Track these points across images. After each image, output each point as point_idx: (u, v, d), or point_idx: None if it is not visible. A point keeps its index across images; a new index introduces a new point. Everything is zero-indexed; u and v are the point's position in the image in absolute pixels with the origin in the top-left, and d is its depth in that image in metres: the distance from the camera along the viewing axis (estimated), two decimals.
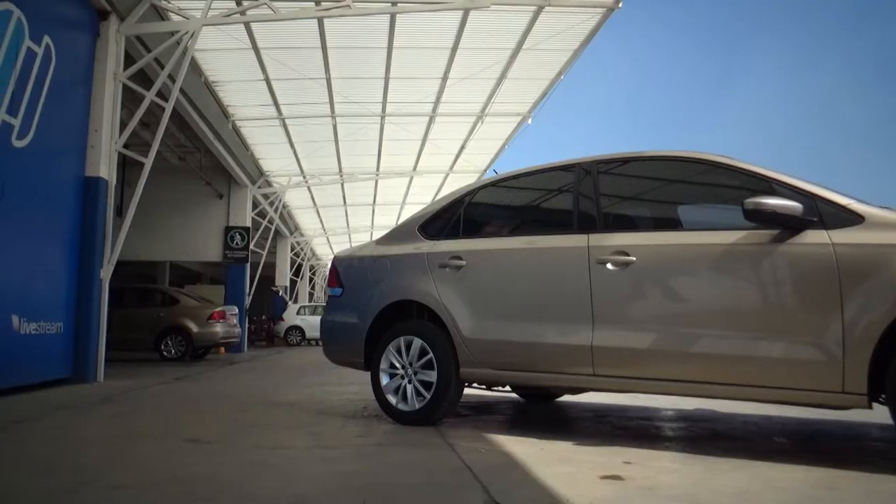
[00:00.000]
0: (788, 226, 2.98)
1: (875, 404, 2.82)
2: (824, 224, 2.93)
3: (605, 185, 3.74)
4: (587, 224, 3.65)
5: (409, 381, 4.07)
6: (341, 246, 25.08)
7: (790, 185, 3.08)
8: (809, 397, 2.92)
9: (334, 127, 13.82)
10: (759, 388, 3.02)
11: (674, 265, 3.32)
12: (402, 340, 4.14)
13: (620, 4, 9.06)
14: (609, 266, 3.43)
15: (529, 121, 13.76)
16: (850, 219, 2.90)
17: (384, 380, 4.18)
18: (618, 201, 3.88)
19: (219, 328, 12.32)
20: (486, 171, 16.86)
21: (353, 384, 6.69)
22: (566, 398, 5.36)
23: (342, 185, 18.61)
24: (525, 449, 3.23)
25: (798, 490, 2.45)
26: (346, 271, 4.72)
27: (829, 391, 2.82)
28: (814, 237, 2.93)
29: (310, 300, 30.96)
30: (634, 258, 3.37)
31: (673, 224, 3.66)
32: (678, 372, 3.22)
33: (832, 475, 2.67)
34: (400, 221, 7.71)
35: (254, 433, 3.88)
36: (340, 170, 17.10)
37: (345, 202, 21.27)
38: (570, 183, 3.87)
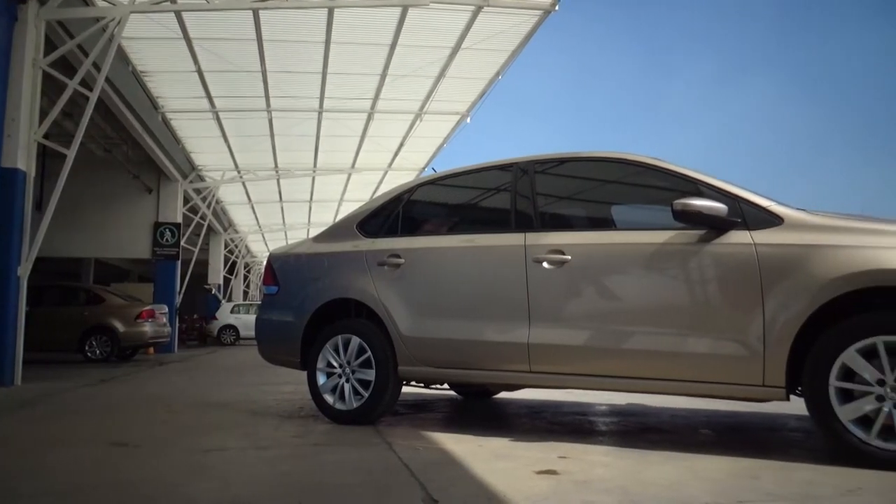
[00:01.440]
0: (714, 226, 3.11)
1: (792, 396, 2.99)
2: (747, 225, 3.07)
3: (541, 185, 3.80)
4: (524, 223, 3.71)
5: (347, 380, 4.04)
6: (277, 243, 24.59)
7: (716, 186, 3.21)
8: (733, 391, 3.06)
9: (270, 121, 13.53)
10: (687, 383, 3.14)
11: (607, 264, 3.41)
12: (339, 339, 4.10)
13: (557, 7, 9.24)
14: (545, 265, 3.49)
15: (468, 119, 13.85)
16: (771, 220, 3.05)
17: (321, 379, 4.13)
18: (554, 201, 3.95)
19: (147, 328, 11.88)
20: (424, 169, 16.86)
21: (289, 384, 6.58)
22: (503, 395, 5.43)
23: (278, 181, 18.25)
24: (463, 446, 3.26)
25: (723, 480, 2.56)
26: (283, 269, 4.64)
27: (751, 384, 2.96)
28: (737, 237, 3.06)
29: (244, 298, 30.25)
30: (570, 257, 3.44)
31: (607, 223, 3.76)
32: (611, 368, 3.31)
33: (754, 464, 2.80)
34: (338, 219, 7.62)
35: (186, 435, 3.76)
36: (276, 165, 16.76)
37: (281, 198, 20.87)
38: (507, 182, 3.91)
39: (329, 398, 4.08)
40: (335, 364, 4.10)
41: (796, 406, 3.06)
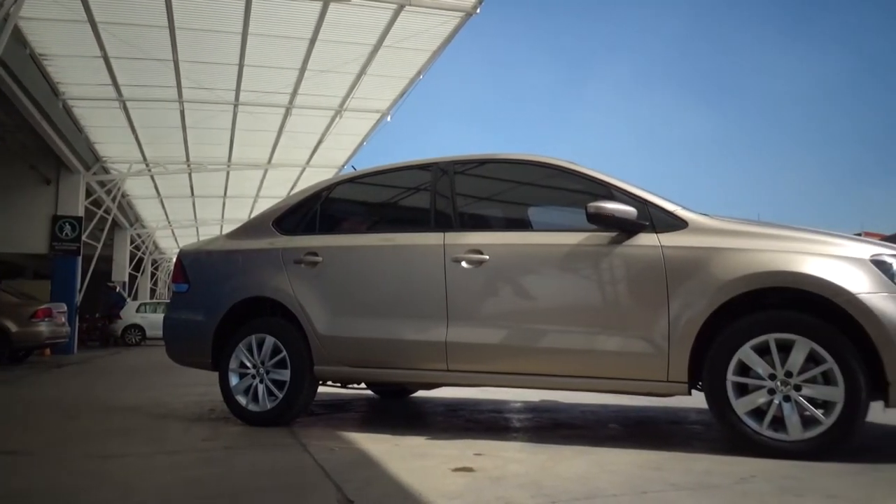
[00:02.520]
0: (624, 229, 3.24)
1: (694, 391, 3.15)
2: (655, 228, 3.22)
3: (460, 185, 3.84)
4: (443, 222, 3.73)
5: (261, 381, 3.94)
6: (188, 239, 23.63)
7: (627, 191, 3.34)
8: (640, 386, 3.20)
9: (182, 113, 12.98)
10: (598, 380, 3.26)
11: (523, 264, 3.48)
12: (253, 339, 3.99)
13: (478, 10, 9.35)
14: (463, 264, 3.53)
15: (388, 118, 13.80)
16: (677, 223, 3.21)
17: (233, 380, 4.01)
18: (473, 201, 4.00)
19: (43, 328, 11.13)
20: (343, 166, 16.67)
21: (199, 385, 6.34)
22: (420, 393, 5.44)
23: (190, 175, 17.55)
24: (379, 445, 3.24)
25: (629, 472, 2.67)
26: (193, 266, 4.46)
27: (656, 380, 3.10)
28: (646, 240, 3.21)
29: (151, 297, 28.91)
30: (488, 257, 3.49)
31: (524, 224, 3.85)
32: (526, 366, 3.39)
33: (658, 456, 2.94)
34: (253, 215, 7.42)
35: (86, 441, 3.55)
36: (188, 159, 16.10)
37: (192, 193, 20.06)
38: (427, 182, 3.93)
39: (242, 399, 3.96)
40: (248, 364, 3.98)
41: (697, 400, 3.23)
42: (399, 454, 3.05)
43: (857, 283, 2.83)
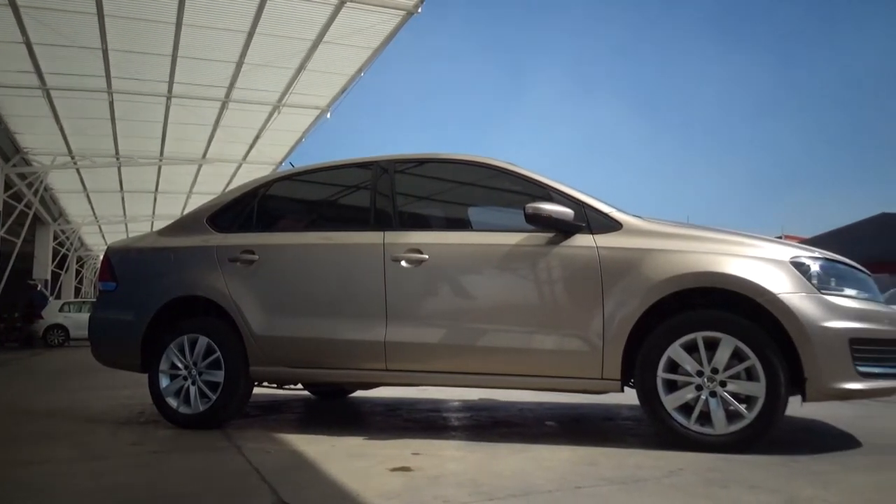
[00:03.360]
0: (562, 230, 3.31)
1: (626, 388, 3.25)
2: (591, 229, 3.30)
3: (401, 184, 3.83)
4: (383, 221, 3.72)
5: (193, 383, 3.82)
6: (117, 236, 22.70)
7: (564, 192, 3.41)
8: (575, 384, 3.28)
9: (111, 104, 12.48)
10: (535, 378, 3.32)
11: (463, 264, 3.51)
12: (185, 339, 3.87)
13: (420, 10, 9.36)
14: (403, 263, 3.53)
15: (328, 115, 13.65)
16: (611, 225, 3.30)
17: (164, 382, 3.87)
18: (413, 200, 4.00)
19: None
20: (281, 163, 16.37)
21: (127, 388, 6.10)
22: (359, 394, 5.41)
23: (119, 169, 16.88)
24: (316, 447, 3.20)
25: (565, 468, 2.73)
26: (122, 264, 4.29)
27: (591, 378, 3.18)
28: (582, 241, 3.28)
29: (76, 295, 27.65)
30: (427, 256, 3.50)
31: (463, 224, 3.87)
32: (465, 365, 3.42)
33: (592, 452, 3.01)
34: (186, 212, 7.20)
35: (4, 448, 3.37)
36: (117, 152, 15.49)
37: (122, 188, 19.31)
38: (367, 180, 3.91)
39: (173, 402, 3.84)
40: (180, 366, 3.86)
41: (629, 397, 3.33)
42: (336, 455, 3.02)
43: (778, 283, 2.97)
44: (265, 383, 4.11)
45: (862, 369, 2.91)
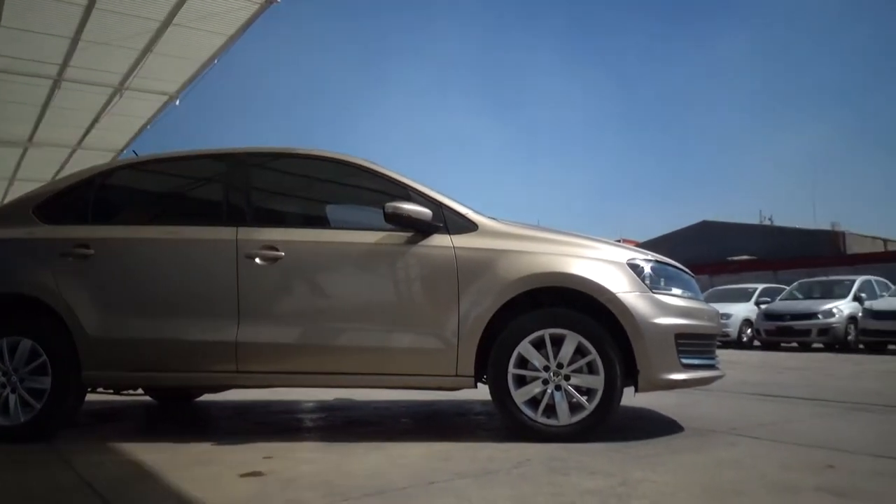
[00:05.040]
0: (420, 229, 3.36)
1: (480, 384, 3.36)
2: (448, 229, 3.38)
3: (256, 179, 3.70)
4: (236, 217, 3.57)
5: (13, 391, 3.43)
6: None
7: (423, 193, 3.47)
8: (431, 381, 3.35)
9: None
10: (391, 376, 3.35)
11: (320, 262, 3.45)
12: (4, 343, 3.46)
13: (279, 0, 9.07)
14: (257, 260, 3.40)
15: (177, 102, 12.82)
16: (468, 226, 3.40)
17: None
18: (269, 196, 3.88)
19: None
20: (123, 150, 15.15)
21: None
22: (206, 397, 5.14)
23: None
24: (158, 455, 3.00)
25: (419, 464, 2.77)
26: None
27: (446, 375, 3.26)
28: (439, 241, 3.35)
29: None
30: (283, 253, 3.40)
31: (321, 221, 3.81)
32: (321, 365, 3.36)
33: (446, 447, 3.09)
34: (7, 200, 6.45)
35: None
36: None
37: None
38: (220, 173, 3.73)
39: None
40: None
41: (482, 392, 3.45)
42: (181, 463, 2.85)
43: (617, 283, 3.22)
44: (100, 389, 3.79)
45: (685, 361, 3.23)
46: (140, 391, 4.57)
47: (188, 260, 3.54)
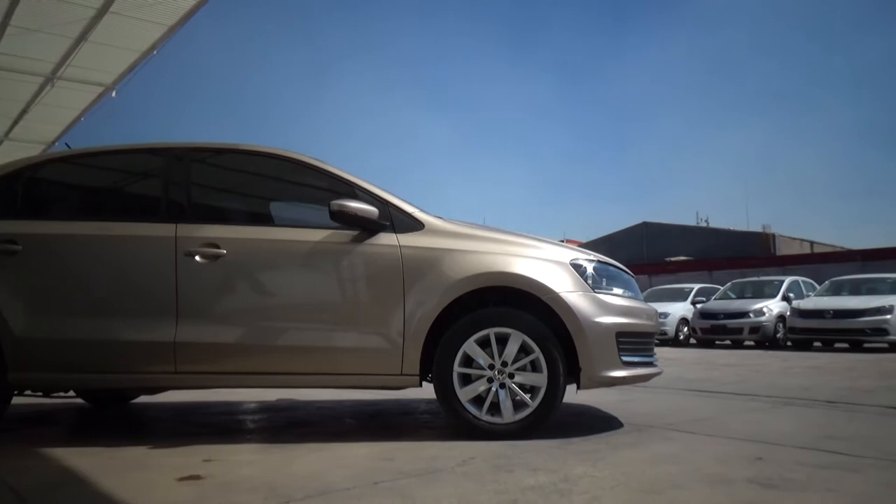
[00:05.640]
0: (366, 228, 3.34)
1: (425, 383, 3.36)
2: (394, 228, 3.37)
3: (197, 174, 3.61)
4: (176, 213, 3.46)
5: None
6: None
7: (369, 191, 3.45)
8: (376, 381, 3.33)
9: None
10: (336, 376, 3.32)
11: (263, 260, 3.39)
12: None
13: None
14: (197, 258, 3.32)
15: (114, 93, 12.36)
16: (414, 225, 3.40)
17: None
18: (211, 192, 3.78)
19: None
20: (55, 143, 14.51)
21: None
22: (143, 399, 4.97)
23: None
24: (91, 460, 2.89)
25: (363, 464, 2.75)
26: None
27: (391, 374, 3.25)
28: (386, 239, 3.34)
29: None
30: (225, 251, 3.33)
31: (265, 219, 3.74)
32: (263, 365, 3.30)
33: (390, 447, 3.08)
34: None
35: None
36: None
37: None
38: (160, 168, 3.62)
39: None
40: None
41: (427, 391, 3.45)
42: (115, 468, 2.75)
43: (560, 283, 3.28)
44: (28, 392, 3.62)
45: (626, 359, 3.32)
46: (71, 393, 4.39)
47: (124, 257, 3.42)
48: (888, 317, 11.18)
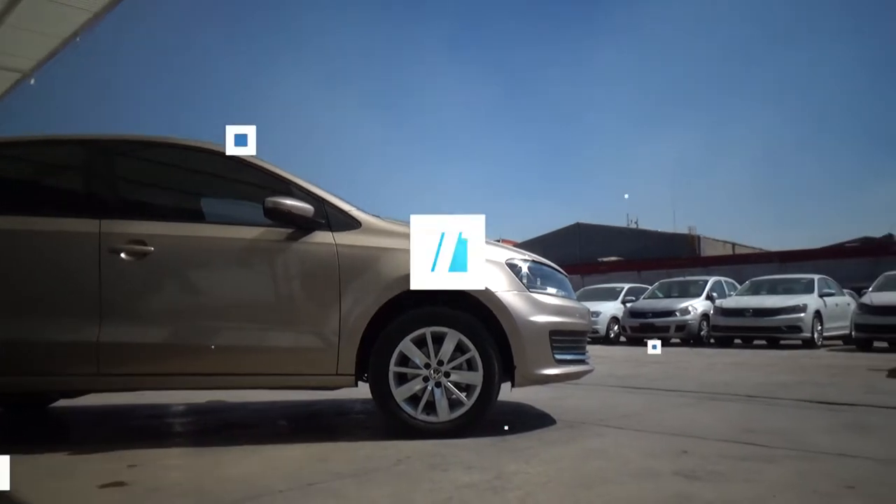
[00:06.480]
0: (301, 226, 3.28)
1: (361, 383, 3.34)
2: (330, 226, 3.33)
3: (124, 168, 3.46)
4: (100, 208, 3.31)
5: None
6: None
7: (305, 188, 3.39)
8: (311, 381, 3.29)
9: None
10: (270, 376, 3.25)
11: (193, 257, 3.29)
12: None
13: None
14: (123, 255, 3.18)
15: (32, 81, 11.71)
16: (351, 223, 3.36)
17: None
18: (138, 187, 3.64)
19: None
20: None
21: None
22: (63, 402, 4.74)
23: None
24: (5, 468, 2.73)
25: (296, 466, 2.71)
26: None
27: (327, 374, 3.21)
28: (321, 238, 3.29)
29: None
30: (152, 248, 3.21)
31: (196, 215, 3.62)
32: (193, 365, 3.20)
33: (324, 448, 3.04)
34: None
35: None
36: None
37: None
38: (83, 161, 3.45)
39: None
40: None
41: (363, 391, 3.43)
42: (33, 476, 2.61)
43: (496, 282, 3.31)
44: None
45: (559, 357, 3.39)
46: None
47: (44, 254, 3.25)
48: (802, 315, 11.85)
